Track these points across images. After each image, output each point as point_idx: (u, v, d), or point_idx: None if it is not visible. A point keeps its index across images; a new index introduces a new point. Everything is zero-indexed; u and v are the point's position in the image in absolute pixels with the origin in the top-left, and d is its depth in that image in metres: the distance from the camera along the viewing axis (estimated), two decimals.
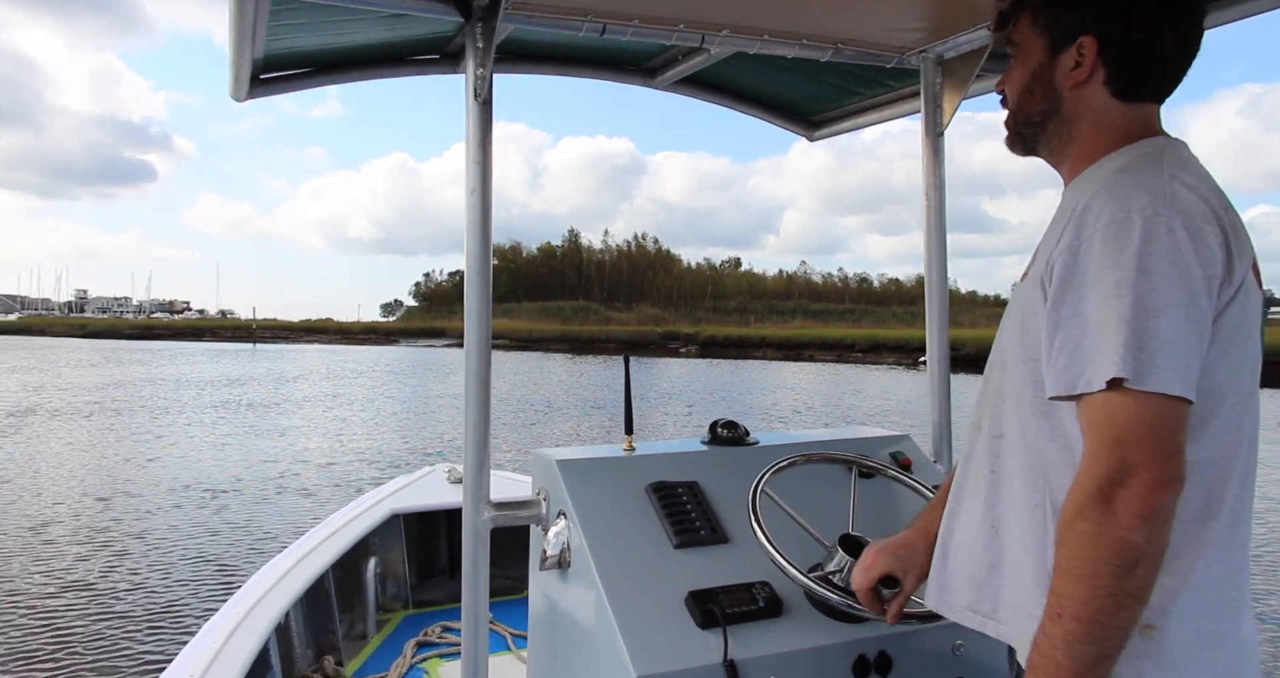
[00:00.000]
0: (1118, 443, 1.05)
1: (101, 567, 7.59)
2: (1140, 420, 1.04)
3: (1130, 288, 1.06)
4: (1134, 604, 1.03)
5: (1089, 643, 1.04)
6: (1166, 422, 1.04)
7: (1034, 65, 1.29)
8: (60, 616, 6.39)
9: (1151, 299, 1.05)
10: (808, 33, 2.21)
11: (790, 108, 2.96)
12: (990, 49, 2.22)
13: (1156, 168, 1.15)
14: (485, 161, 1.90)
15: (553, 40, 2.39)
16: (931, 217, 2.41)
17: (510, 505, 1.92)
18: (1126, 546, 1.02)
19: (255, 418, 18.58)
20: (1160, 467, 1.03)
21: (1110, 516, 1.03)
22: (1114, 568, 1.02)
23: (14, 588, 6.99)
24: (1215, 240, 1.09)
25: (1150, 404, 1.04)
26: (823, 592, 1.59)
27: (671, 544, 1.76)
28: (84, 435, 15.63)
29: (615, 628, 1.58)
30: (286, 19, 1.95)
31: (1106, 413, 1.06)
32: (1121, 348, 1.05)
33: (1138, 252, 1.06)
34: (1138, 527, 1.02)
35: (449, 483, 4.44)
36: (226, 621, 2.76)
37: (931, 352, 2.42)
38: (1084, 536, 1.04)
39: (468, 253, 1.92)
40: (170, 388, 26.28)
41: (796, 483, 1.87)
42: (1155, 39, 1.21)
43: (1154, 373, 1.04)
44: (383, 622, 3.89)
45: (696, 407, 21.61)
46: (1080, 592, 1.04)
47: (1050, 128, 1.30)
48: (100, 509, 9.63)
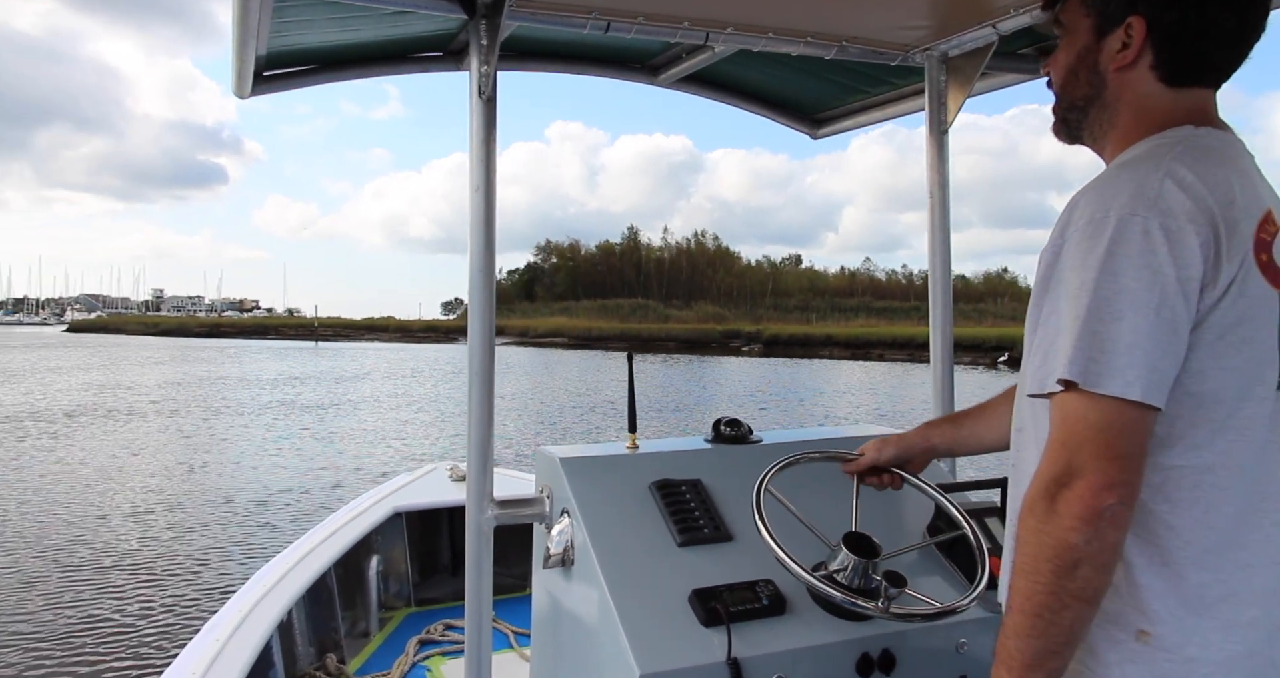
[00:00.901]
0: (1065, 445, 1.05)
1: (105, 562, 7.61)
2: (1089, 423, 1.03)
3: (1091, 290, 1.04)
4: (1076, 604, 1.03)
5: (1034, 637, 1.05)
6: (1118, 426, 1.03)
7: (1079, 47, 1.24)
8: (62, 612, 6.40)
9: (1116, 301, 1.03)
10: (812, 30, 2.20)
11: (794, 106, 2.95)
12: (995, 47, 2.22)
13: (1155, 162, 1.10)
14: (489, 159, 1.90)
15: (557, 37, 2.38)
16: (936, 214, 2.41)
17: (513, 504, 1.92)
18: (1066, 546, 1.02)
19: (312, 420, 18.13)
20: (1104, 471, 1.02)
21: (1053, 515, 1.03)
22: (1054, 567, 1.03)
23: (18, 580, 7.00)
24: (1195, 240, 1.04)
25: (1101, 407, 1.03)
26: (827, 589, 1.59)
27: (675, 542, 1.76)
28: (138, 437, 15.28)
29: (619, 626, 1.58)
30: (290, 16, 1.95)
31: (1060, 414, 1.06)
32: (1073, 350, 1.04)
33: (1105, 252, 1.04)
34: (1077, 528, 1.01)
35: (451, 481, 4.44)
36: (229, 618, 2.76)
37: (935, 349, 2.42)
38: (1030, 532, 1.06)
39: (470, 251, 1.92)
40: (230, 387, 26.02)
41: (800, 481, 1.87)
42: (1208, 21, 1.16)
43: (1108, 376, 1.02)
44: (385, 620, 3.89)
45: (771, 409, 20.87)
46: (1025, 587, 1.06)
47: (1093, 113, 1.26)
48: (138, 523, 9.29)
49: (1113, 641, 1.10)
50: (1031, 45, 2.35)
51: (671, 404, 21.80)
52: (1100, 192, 1.10)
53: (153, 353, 46.55)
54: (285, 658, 2.96)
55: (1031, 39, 2.31)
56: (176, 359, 40.73)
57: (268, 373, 32.66)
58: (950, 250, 2.43)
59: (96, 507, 9.77)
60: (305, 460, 13.25)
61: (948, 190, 2.42)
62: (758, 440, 2.09)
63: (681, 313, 77.25)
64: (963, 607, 1.59)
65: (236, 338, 72.88)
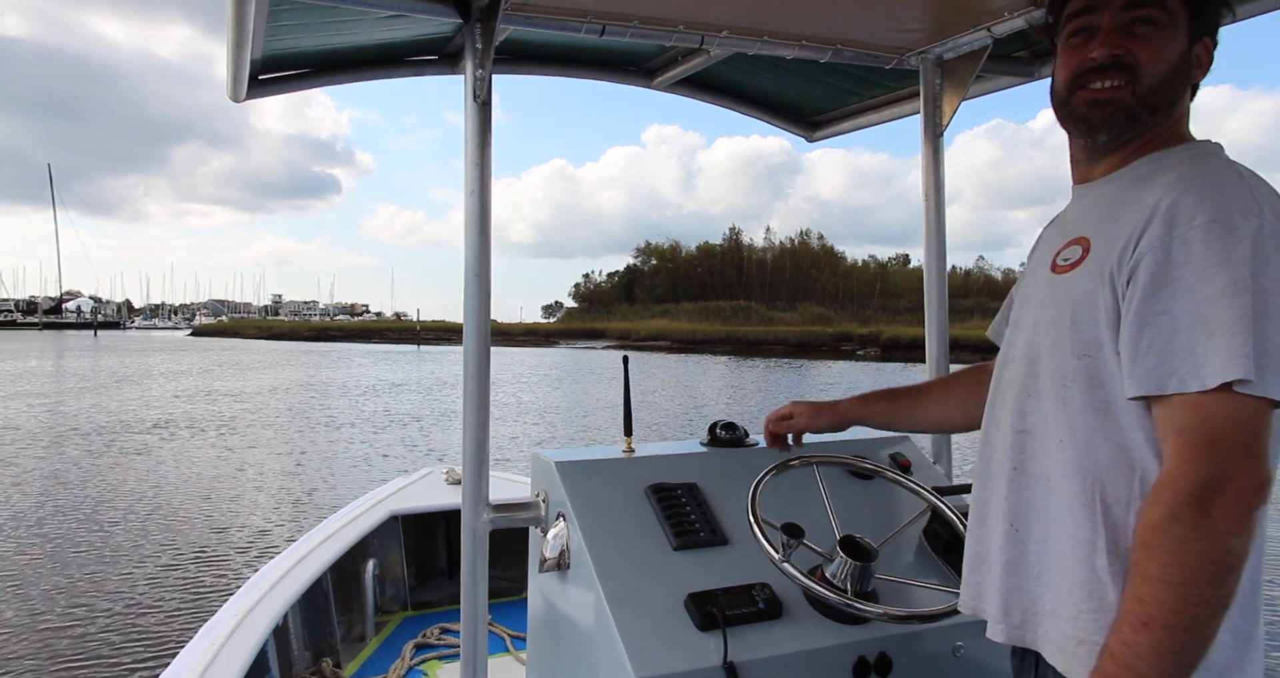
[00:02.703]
0: (1215, 447, 1.02)
1: (102, 567, 7.58)
2: (1240, 425, 1.02)
3: (1248, 289, 1.02)
4: (1223, 613, 1.01)
5: (1178, 652, 1.01)
6: (1265, 428, 1.02)
7: (1180, 48, 1.22)
8: (58, 617, 6.38)
9: (1271, 300, 1.02)
10: (807, 34, 2.21)
11: (790, 109, 2.96)
12: (989, 51, 2.22)
13: (1233, 168, 1.14)
14: (484, 163, 1.90)
15: (552, 41, 2.38)
16: (931, 218, 2.41)
17: (509, 507, 1.91)
18: (1224, 552, 1.00)
19: (411, 433, 16.70)
20: (1256, 473, 1.01)
21: (1208, 521, 1.00)
22: (1210, 575, 1.00)
23: (10, 592, 6.98)
24: None
25: (1253, 409, 1.02)
26: (823, 593, 1.59)
27: (671, 546, 1.76)
28: (216, 452, 13.77)
29: (615, 630, 1.58)
30: (285, 20, 1.95)
31: (1201, 416, 1.03)
32: (1244, 349, 1.01)
33: (1251, 252, 1.03)
34: (1236, 533, 0.99)
35: (447, 484, 4.44)
36: (224, 623, 2.75)
37: (931, 352, 2.42)
38: (1179, 542, 1.01)
39: (466, 253, 1.92)
40: (328, 395, 24.66)
41: (795, 485, 1.87)
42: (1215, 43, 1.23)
43: (1275, 377, 1.01)
44: (381, 624, 3.89)
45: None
46: (1172, 599, 1.01)
47: (1160, 116, 1.23)
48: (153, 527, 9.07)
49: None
50: (1026, 48, 2.36)
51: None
52: (1204, 194, 1.10)
53: (260, 357, 45.67)
54: (281, 662, 2.95)
55: (1026, 42, 2.31)
56: (280, 364, 39.24)
57: (368, 379, 30.81)
58: (946, 252, 2.44)
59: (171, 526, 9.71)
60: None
61: (943, 193, 2.42)
62: (754, 443, 2.08)
63: (785, 315, 75.50)
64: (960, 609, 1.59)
65: (343, 341, 73.23)
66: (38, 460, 12.93)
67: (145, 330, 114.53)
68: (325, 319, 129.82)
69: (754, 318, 74.03)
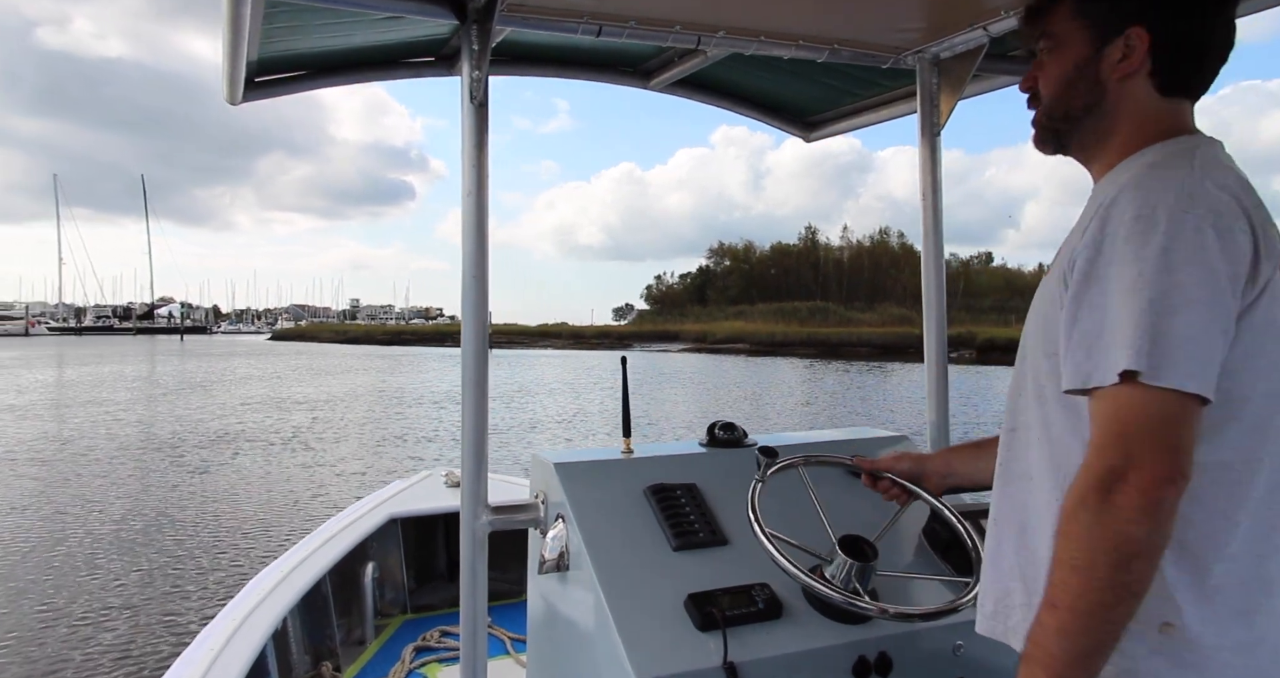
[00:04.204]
0: (1123, 437, 1.04)
1: (99, 573, 7.57)
2: (1148, 415, 1.04)
3: (1150, 283, 1.05)
4: (1130, 599, 1.04)
5: (1082, 635, 1.04)
6: (1175, 418, 1.04)
7: (1076, 57, 1.26)
8: (56, 620, 6.37)
9: (1174, 295, 1.04)
10: (803, 34, 2.21)
11: (786, 109, 2.96)
12: (986, 50, 2.22)
13: (1188, 164, 1.14)
14: (481, 164, 1.90)
15: (549, 42, 2.38)
16: (928, 217, 2.42)
17: (508, 509, 1.91)
18: (1125, 538, 1.02)
19: (496, 453, 14.33)
20: (1163, 463, 1.02)
21: (1111, 508, 1.03)
22: (1112, 560, 1.02)
23: (13, 590, 6.97)
24: (1244, 239, 1.08)
25: (1160, 399, 1.04)
26: (825, 591, 1.58)
27: (670, 547, 1.75)
28: (262, 471, 12.82)
29: (614, 631, 1.57)
30: (281, 22, 1.95)
31: (1113, 407, 1.06)
32: (1136, 341, 1.04)
33: (1162, 247, 1.05)
34: (1137, 520, 1.02)
35: (446, 487, 4.43)
36: (223, 626, 2.74)
37: (929, 350, 2.42)
38: (1084, 527, 1.05)
39: (463, 254, 1.92)
40: (403, 403, 23.02)
41: (795, 484, 1.87)
42: (1205, 30, 1.20)
43: (1169, 368, 1.03)
44: (381, 627, 3.88)
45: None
46: (1076, 583, 1.04)
47: (1088, 123, 1.27)
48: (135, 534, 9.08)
49: (1138, 634, 1.11)
50: (1022, 47, 2.36)
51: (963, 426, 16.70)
52: (1140, 190, 1.12)
53: (333, 361, 45.05)
54: (280, 666, 2.95)
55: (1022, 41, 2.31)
56: (351, 370, 38.70)
57: (444, 384, 28.98)
58: (943, 252, 2.44)
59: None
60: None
61: (940, 192, 2.42)
62: (752, 444, 2.08)
63: (864, 315, 72.45)
64: (961, 607, 1.59)
65: (417, 345, 72.94)
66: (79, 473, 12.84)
67: (230, 335, 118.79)
68: (400, 323, 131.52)
69: (832, 319, 70.83)
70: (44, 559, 8.00)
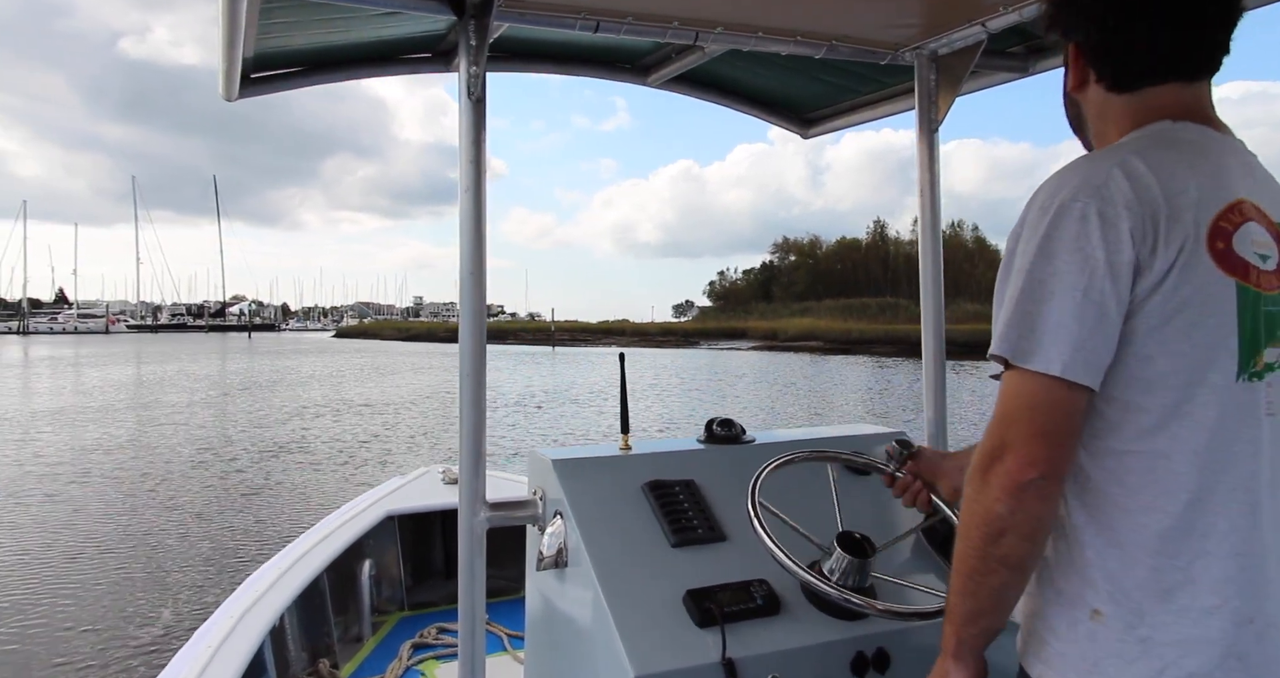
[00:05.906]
0: (1002, 419, 1.11)
1: (92, 568, 7.56)
2: (1021, 399, 1.10)
3: (1027, 272, 1.10)
4: (1002, 570, 1.11)
5: (969, 596, 1.15)
6: (1045, 403, 1.08)
7: (1065, 80, 1.35)
8: (53, 618, 6.36)
9: (1049, 282, 1.09)
10: (802, 30, 2.20)
11: (784, 105, 2.96)
12: (984, 46, 2.22)
13: (1113, 153, 1.15)
14: (479, 160, 1.89)
15: (546, 38, 2.38)
16: (926, 213, 2.41)
17: (506, 506, 1.91)
18: (992, 516, 1.09)
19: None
20: (1029, 447, 1.07)
21: (985, 485, 1.10)
22: (983, 534, 1.11)
23: (7, 591, 6.96)
24: (1126, 225, 1.07)
25: (1031, 385, 1.09)
26: (823, 587, 1.58)
27: (669, 543, 1.75)
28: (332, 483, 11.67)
29: (613, 628, 1.57)
30: (278, 18, 1.94)
31: (1003, 390, 1.13)
32: (1005, 328, 1.11)
33: (1044, 235, 1.10)
34: (1001, 500, 1.08)
35: (444, 484, 4.43)
36: (221, 624, 2.74)
37: (927, 346, 2.42)
38: (967, 500, 1.14)
39: (461, 251, 1.91)
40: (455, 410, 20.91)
41: (793, 481, 1.87)
42: (1123, 31, 1.22)
43: (1034, 353, 1.08)
44: (378, 624, 3.88)
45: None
46: (961, 549, 1.14)
47: (1084, 134, 1.36)
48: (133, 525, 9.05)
49: (1071, 620, 1.14)
50: (1021, 43, 2.36)
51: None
52: (1055, 180, 1.16)
53: (392, 360, 44.23)
54: (278, 663, 2.94)
55: (1021, 37, 2.31)
56: (409, 368, 37.08)
57: (513, 385, 27.15)
58: (941, 248, 2.44)
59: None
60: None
61: (938, 189, 2.42)
62: (750, 440, 2.08)
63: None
64: None
65: None
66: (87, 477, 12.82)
67: (296, 332, 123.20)
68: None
69: (903, 316, 67.33)
70: (42, 559, 7.99)
